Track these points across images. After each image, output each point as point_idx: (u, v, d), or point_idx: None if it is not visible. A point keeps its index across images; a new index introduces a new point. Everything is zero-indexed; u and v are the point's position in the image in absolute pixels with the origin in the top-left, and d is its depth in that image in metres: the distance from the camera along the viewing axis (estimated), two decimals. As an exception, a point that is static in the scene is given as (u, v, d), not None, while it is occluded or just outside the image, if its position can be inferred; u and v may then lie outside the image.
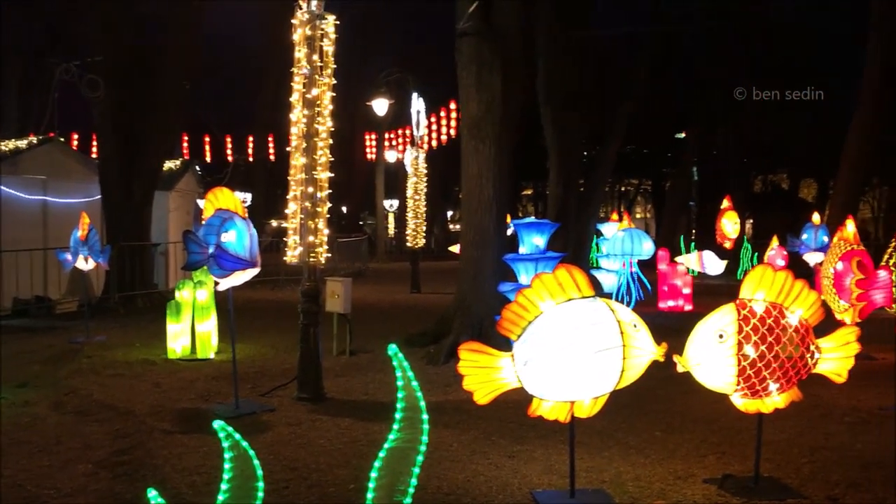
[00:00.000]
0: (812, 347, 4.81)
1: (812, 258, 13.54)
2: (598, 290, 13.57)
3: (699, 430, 6.33)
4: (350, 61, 33.88)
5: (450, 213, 51.95)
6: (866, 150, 16.97)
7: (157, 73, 14.94)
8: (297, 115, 7.20)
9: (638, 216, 56.32)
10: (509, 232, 13.72)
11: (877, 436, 6.20)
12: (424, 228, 19.51)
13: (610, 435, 6.15)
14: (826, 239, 13.51)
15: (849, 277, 6.61)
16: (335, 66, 7.42)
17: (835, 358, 4.94)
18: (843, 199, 17.07)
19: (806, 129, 28.86)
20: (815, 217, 15.00)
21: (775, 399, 4.79)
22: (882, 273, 6.44)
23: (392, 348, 2.98)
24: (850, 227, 8.55)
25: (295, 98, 7.24)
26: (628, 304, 12.89)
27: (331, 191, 7.42)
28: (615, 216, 21.75)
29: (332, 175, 7.46)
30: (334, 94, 7.45)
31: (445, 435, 6.13)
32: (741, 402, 4.82)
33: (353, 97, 32.19)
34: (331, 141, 7.37)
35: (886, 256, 6.51)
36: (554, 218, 16.54)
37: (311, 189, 7.14)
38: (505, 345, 4.51)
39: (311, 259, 7.20)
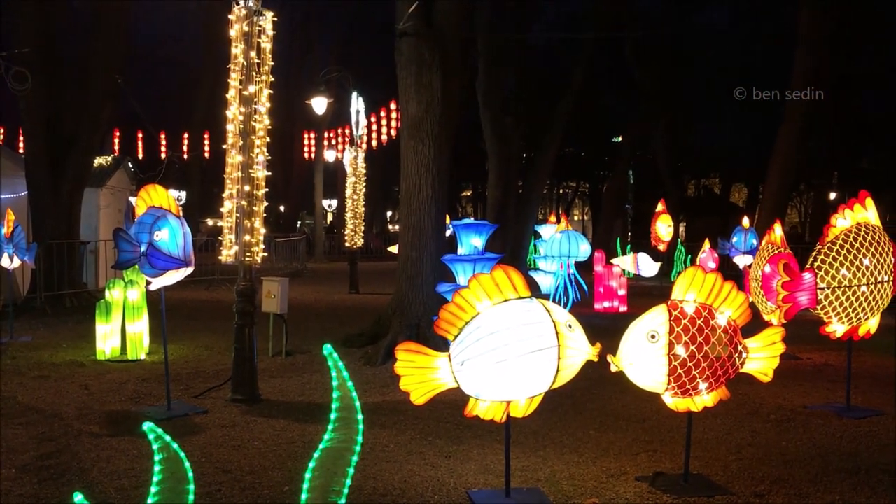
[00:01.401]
0: (740, 347, 4.94)
1: (742, 261, 13.93)
2: (535, 291, 13.70)
3: (632, 428, 6.45)
4: (289, 59, 33.58)
5: (389, 214, 51.86)
6: (794, 156, 17.54)
7: (88, 66, 14.51)
8: (234, 112, 7.09)
9: (576, 218, 57.11)
10: (448, 233, 13.76)
11: (801, 433, 6.41)
12: (363, 229, 19.41)
13: (545, 434, 6.22)
14: (755, 242, 13.90)
15: (776, 279, 6.80)
16: (273, 63, 7.32)
17: (761, 358, 5.08)
18: (772, 204, 17.61)
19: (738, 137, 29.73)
20: (745, 221, 15.43)
21: (704, 398, 4.90)
22: (807, 275, 6.65)
23: (327, 348, 2.95)
24: (778, 230, 8.83)
25: (231, 95, 7.12)
26: (565, 305, 13.05)
27: (268, 189, 7.32)
28: (553, 218, 22.04)
29: (270, 174, 7.37)
30: (272, 92, 7.35)
31: (382, 436, 6.12)
32: (672, 401, 4.93)
33: (292, 95, 31.90)
34: (268, 139, 7.27)
35: (811, 259, 6.72)
36: (492, 219, 16.70)
37: (247, 187, 7.03)
38: (443, 345, 4.51)
39: (247, 258, 7.09)
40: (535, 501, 4.70)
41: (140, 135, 28.21)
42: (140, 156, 27.60)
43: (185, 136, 29.08)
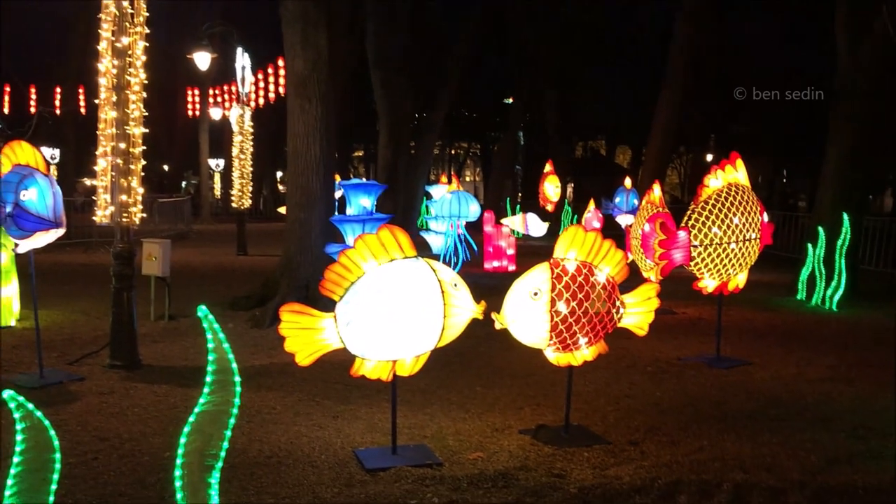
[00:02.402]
0: (618, 303, 5.13)
1: (624, 220, 14.43)
2: (426, 251, 13.75)
3: (517, 384, 6.62)
4: (171, 12, 32.03)
5: (280, 174, 50.76)
6: (674, 120, 18.19)
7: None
8: (107, 65, 6.71)
9: (467, 179, 57.61)
10: (338, 194, 13.61)
11: (674, 384, 6.75)
12: (251, 189, 18.94)
13: (433, 392, 6.30)
14: (636, 202, 14.41)
15: (653, 238, 7.07)
16: (148, 14, 6.96)
17: (638, 313, 5.30)
18: (653, 166, 18.25)
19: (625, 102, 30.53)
20: (627, 181, 15.97)
21: (584, 352, 5.08)
22: (682, 234, 6.95)
23: (202, 310, 2.87)
24: (657, 191, 9.17)
25: (103, 47, 6.74)
26: (455, 265, 13.20)
27: (146, 147, 7.01)
28: (444, 179, 22.13)
29: (147, 131, 7.04)
30: (147, 45, 7.00)
31: (269, 398, 6.05)
32: (553, 357, 5.08)
33: (174, 49, 30.51)
34: (144, 94, 6.93)
35: (685, 218, 7.02)
36: (383, 180, 16.61)
37: (122, 145, 6.70)
38: (332, 306, 4.48)
39: (124, 219, 6.79)
40: (422, 458, 4.77)
41: (7, 88, 26.40)
42: (6, 111, 25.86)
43: (58, 90, 27.43)
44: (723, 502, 4.20)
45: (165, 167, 41.78)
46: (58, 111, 27.05)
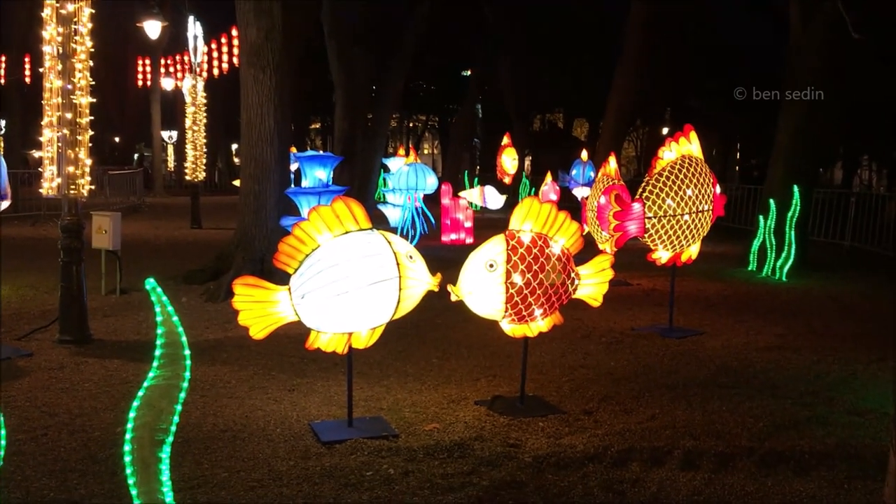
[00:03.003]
0: (573, 275, 5.17)
1: (580, 192, 14.52)
2: (384, 224, 13.71)
3: (473, 355, 6.66)
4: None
5: (235, 146, 49.97)
6: (630, 94, 18.28)
7: None
8: (51, 32, 6.51)
9: (426, 152, 57.39)
10: (294, 166, 13.46)
11: (628, 354, 6.85)
12: (205, 161, 18.63)
13: (389, 364, 6.31)
14: (593, 174, 14.50)
15: (609, 210, 7.13)
16: (94, -21, 6.75)
17: (592, 284, 5.35)
18: (609, 139, 18.35)
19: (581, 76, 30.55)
20: (584, 154, 16.06)
21: (540, 324, 5.12)
22: (636, 205, 7.01)
23: (150, 282, 2.82)
24: (613, 163, 9.25)
25: (47, 13, 6.53)
26: (412, 238, 13.18)
27: (93, 118, 6.83)
28: (402, 151, 22.03)
29: (95, 100, 6.86)
30: (94, 11, 6.79)
31: (224, 372, 6.00)
32: (509, 328, 5.11)
33: (124, 17, 29.67)
34: (91, 63, 6.74)
35: (640, 190, 7.09)
36: (340, 152, 16.46)
37: (69, 115, 6.52)
38: (287, 280, 4.44)
39: (71, 192, 6.62)
40: (378, 430, 4.78)
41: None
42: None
43: (2, 58, 26.54)
44: (673, 468, 4.28)
45: (116, 139, 40.81)
46: (2, 80, 26.22)
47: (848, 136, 25.61)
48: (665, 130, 34.76)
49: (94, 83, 6.79)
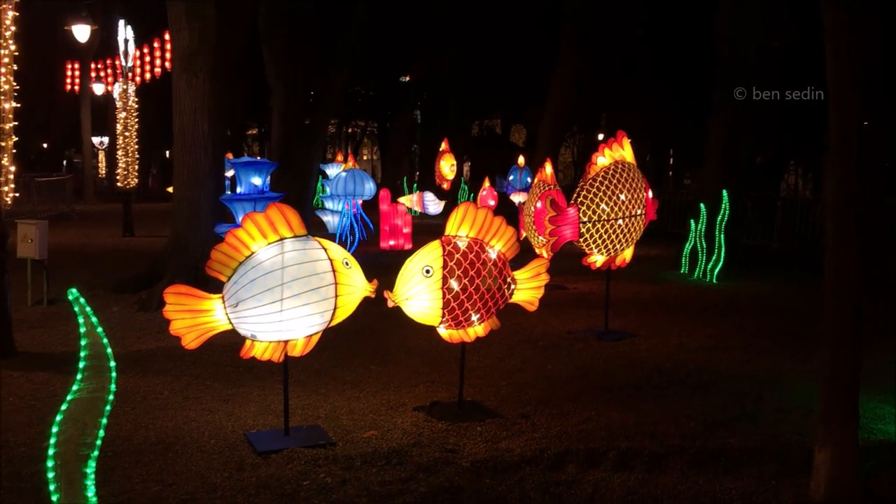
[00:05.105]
0: (508, 279, 5.21)
1: (517, 198, 14.65)
2: (322, 230, 13.60)
3: (411, 361, 6.65)
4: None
5: (169, 153, 48.95)
6: (566, 100, 18.53)
7: None
8: (-29, 34, 6.30)
9: (365, 158, 57.17)
10: (230, 172, 13.25)
11: (565, 357, 6.93)
12: (138, 167, 18.21)
13: (327, 372, 6.25)
14: (529, 180, 14.64)
15: (545, 215, 7.21)
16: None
17: (528, 288, 5.40)
18: (546, 144, 18.55)
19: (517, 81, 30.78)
20: (521, 160, 16.22)
21: (476, 329, 5.14)
22: (571, 210, 7.11)
23: (72, 292, 2.74)
24: (549, 169, 9.35)
25: (-33, 14, 6.31)
26: (351, 244, 13.10)
27: (17, 123, 6.62)
28: (340, 157, 21.89)
29: (19, 105, 6.65)
30: (17, 14, 6.59)
31: (156, 383, 5.86)
32: (446, 333, 5.12)
33: (52, 21, 28.80)
34: (14, 66, 6.54)
35: (574, 195, 7.18)
36: (277, 158, 16.24)
37: (-10, 120, 6.31)
38: (222, 288, 4.36)
39: (-6, 199, 6.40)
40: (314, 438, 4.73)
41: None
42: None
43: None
44: (608, 469, 4.35)
45: (45, 145, 39.57)
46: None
47: (776, 141, 26.38)
48: (600, 136, 35.37)
49: (17, 87, 6.59)
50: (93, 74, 27.95)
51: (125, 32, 16.62)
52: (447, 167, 19.85)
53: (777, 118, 18.47)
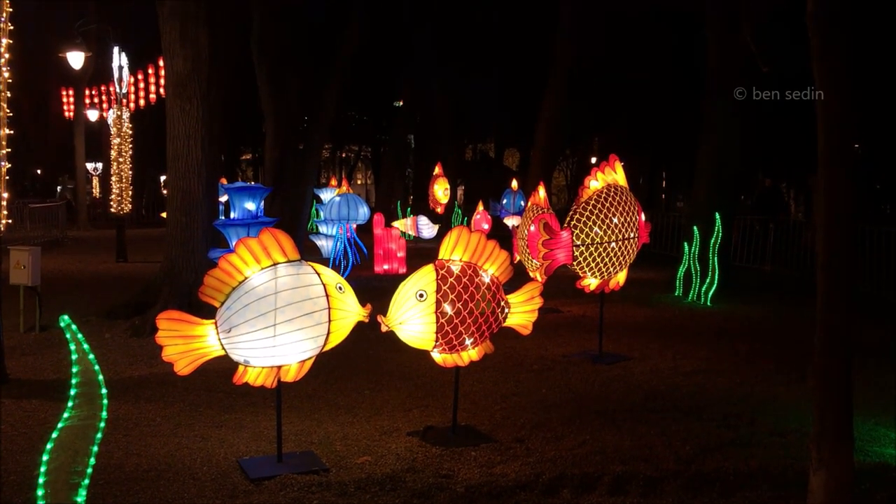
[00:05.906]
0: (502, 303, 5.21)
1: (511, 221, 14.68)
2: (316, 255, 13.58)
3: (405, 386, 6.62)
4: (40, 7, 30.35)
5: (164, 178, 48.99)
6: (558, 123, 18.64)
7: None
8: (-35, 61, 6.32)
9: (359, 182, 57.30)
10: (224, 198, 13.26)
11: (560, 380, 6.91)
12: (131, 193, 18.22)
13: (320, 397, 6.22)
14: (523, 203, 14.68)
15: (539, 238, 7.22)
16: (11, 9, 6.58)
17: (522, 312, 5.40)
18: (539, 168, 18.64)
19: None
20: (514, 183, 16.27)
21: (470, 353, 5.13)
22: (564, 234, 7.13)
23: (64, 319, 2.73)
24: (542, 192, 9.38)
25: (-39, 42, 6.34)
26: (345, 269, 13.09)
27: (10, 150, 6.62)
28: (334, 181, 21.94)
29: (12, 132, 6.66)
30: (11, 42, 6.61)
31: (148, 409, 5.82)
32: (440, 357, 5.11)
33: (47, 48, 28.90)
34: (8, 93, 6.56)
35: (568, 218, 7.21)
36: (270, 182, 16.26)
37: (-16, 147, 6.31)
38: (215, 313, 4.35)
39: (-13, 226, 6.40)
40: (308, 464, 4.70)
41: None
42: None
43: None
44: (603, 494, 4.33)
45: (38, 171, 39.60)
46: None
47: (767, 163, 26.55)
48: (593, 159, 35.54)
49: (10, 114, 6.60)
50: (87, 101, 28.04)
51: (119, 59, 16.70)
52: (441, 191, 19.92)
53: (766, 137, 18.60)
